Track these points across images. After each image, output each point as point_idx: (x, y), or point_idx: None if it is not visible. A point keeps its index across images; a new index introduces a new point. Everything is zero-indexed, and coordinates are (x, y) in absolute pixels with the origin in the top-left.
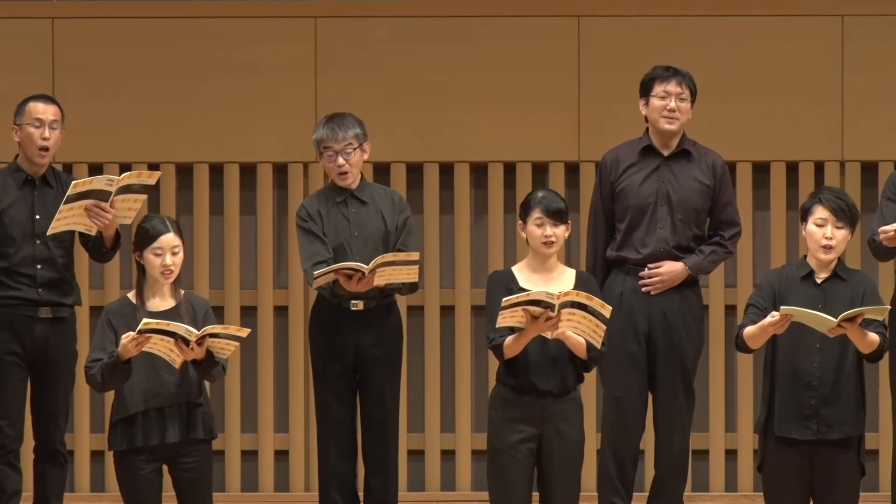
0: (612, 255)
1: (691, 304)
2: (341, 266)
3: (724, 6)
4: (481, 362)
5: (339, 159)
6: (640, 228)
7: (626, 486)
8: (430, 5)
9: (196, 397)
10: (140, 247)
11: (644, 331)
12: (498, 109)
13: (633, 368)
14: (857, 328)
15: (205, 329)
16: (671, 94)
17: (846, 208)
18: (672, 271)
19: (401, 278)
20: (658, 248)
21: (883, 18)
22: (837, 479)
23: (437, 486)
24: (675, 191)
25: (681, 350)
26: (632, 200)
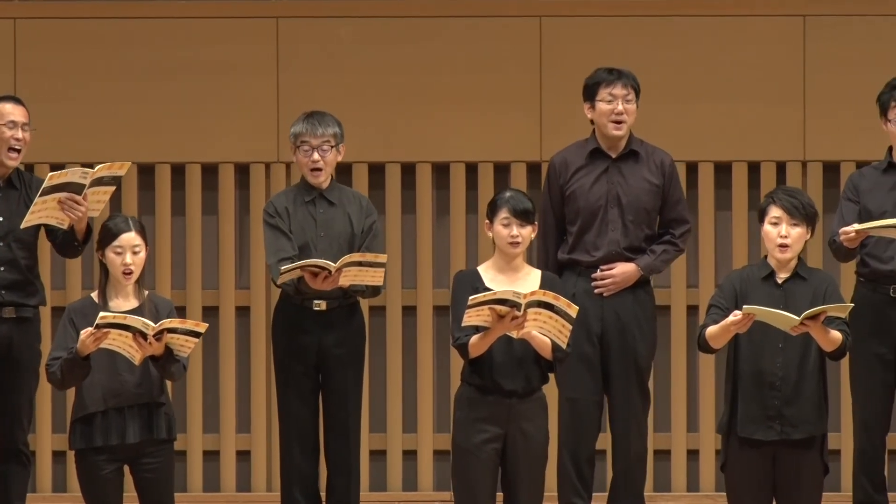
0: (563, 257)
1: (644, 304)
2: (309, 262)
3: (685, 6)
4: (443, 362)
5: (315, 155)
6: (591, 231)
7: (586, 487)
8: (392, 6)
9: (157, 397)
10: (102, 245)
11: (597, 332)
12: (460, 109)
13: (586, 370)
14: (820, 326)
15: (162, 323)
16: (617, 97)
17: (800, 206)
18: (625, 272)
19: (366, 280)
20: (610, 251)
21: (844, 18)
22: (801, 479)
23: (398, 487)
24: (624, 192)
25: (634, 350)
26: (582, 203)
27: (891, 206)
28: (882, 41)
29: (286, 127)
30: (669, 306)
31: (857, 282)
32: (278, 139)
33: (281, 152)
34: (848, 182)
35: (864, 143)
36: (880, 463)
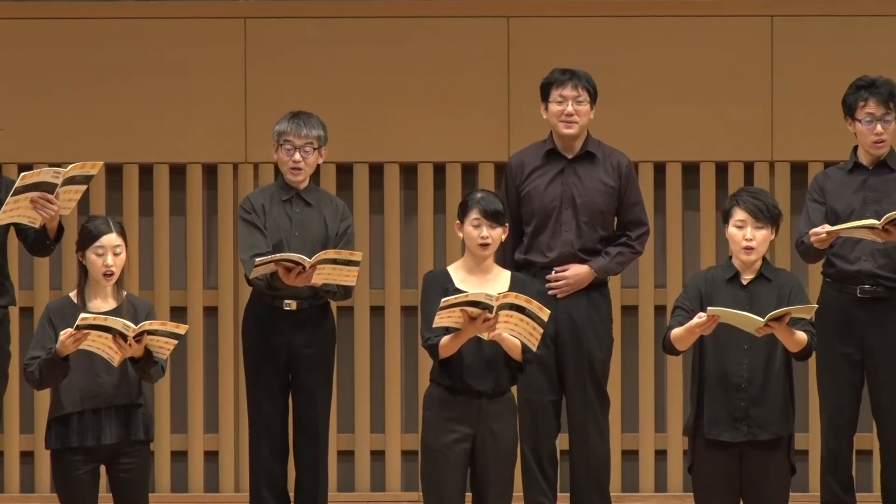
0: (519, 258)
1: (599, 306)
2: (283, 256)
3: (653, 7)
4: (411, 363)
5: (297, 155)
6: (545, 232)
7: (550, 485)
8: (360, 6)
9: (135, 398)
10: (82, 246)
11: (551, 334)
12: (428, 110)
13: (541, 371)
14: (785, 327)
15: (142, 325)
16: (567, 98)
17: (764, 208)
18: (578, 274)
19: (339, 279)
20: (564, 252)
21: (812, 19)
22: (768, 480)
23: (366, 487)
24: (579, 193)
25: (589, 352)
26: (537, 204)
27: (858, 205)
28: (849, 42)
29: (254, 127)
30: (637, 306)
31: (824, 282)
32: (246, 140)
33: (249, 153)
34: (813, 183)
35: (832, 143)
36: (848, 463)
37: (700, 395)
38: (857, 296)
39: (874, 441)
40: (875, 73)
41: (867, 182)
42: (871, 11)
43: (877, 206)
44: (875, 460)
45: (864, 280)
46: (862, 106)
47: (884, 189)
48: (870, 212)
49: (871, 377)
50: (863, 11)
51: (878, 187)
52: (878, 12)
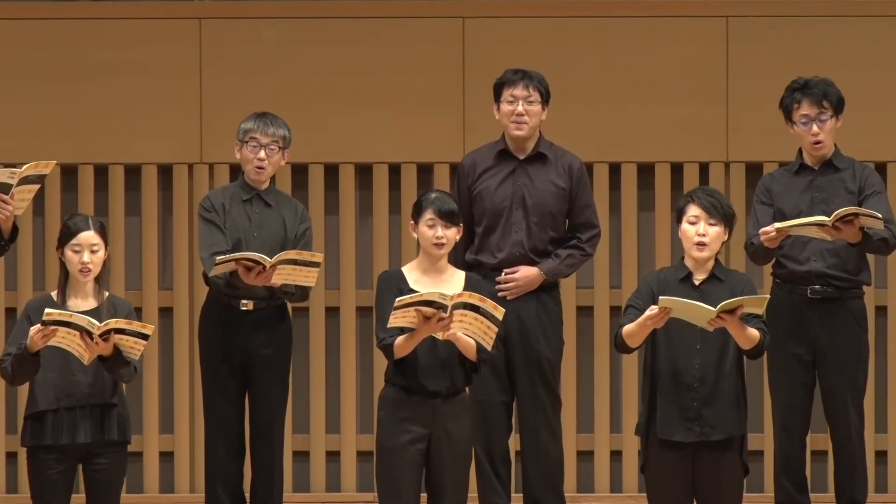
0: (469, 258)
1: (548, 308)
2: (244, 255)
3: (608, 7)
4: (366, 363)
5: (262, 153)
6: (495, 232)
7: (504, 486)
8: (315, 7)
9: (110, 398)
10: (61, 244)
11: (501, 335)
12: (383, 111)
13: (491, 372)
14: (737, 321)
15: (106, 323)
16: (518, 98)
17: (718, 206)
18: (527, 276)
19: (299, 280)
20: (513, 252)
21: (767, 19)
22: (720, 480)
23: (322, 487)
24: (529, 194)
25: (538, 354)
26: (488, 204)
27: (806, 206)
28: (804, 42)
29: (209, 128)
30: (592, 307)
31: (774, 283)
32: (201, 140)
33: (204, 153)
34: (760, 185)
35: (787, 143)
36: (801, 464)
37: (652, 395)
38: (807, 296)
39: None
40: (830, 73)
41: (814, 183)
42: (825, 12)
43: (824, 206)
44: (829, 460)
45: (815, 280)
46: (797, 108)
47: (830, 189)
48: (818, 212)
49: (822, 378)
50: (817, 12)
51: (825, 187)
52: (832, 13)
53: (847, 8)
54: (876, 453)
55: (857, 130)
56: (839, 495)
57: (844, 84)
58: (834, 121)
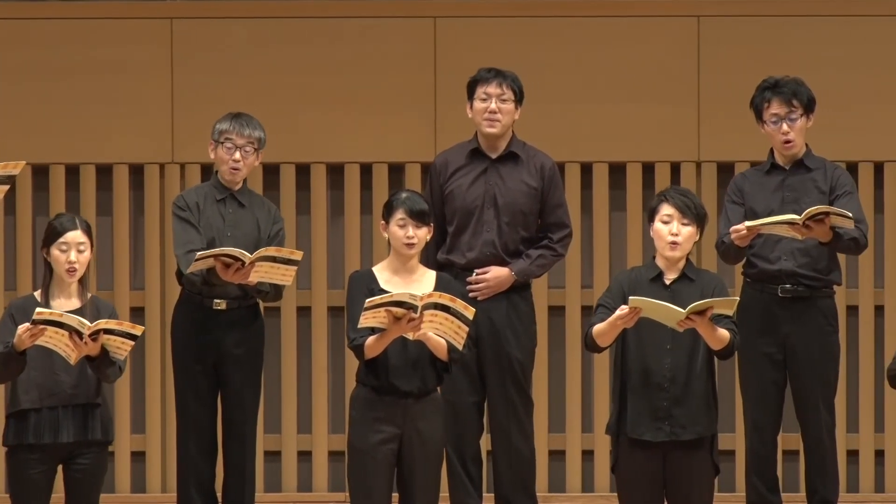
0: (441, 258)
1: (519, 308)
2: (224, 251)
3: (580, 7)
4: (338, 363)
5: (237, 154)
6: (466, 232)
7: (476, 486)
8: (286, 7)
9: (94, 398)
10: (47, 243)
11: (472, 335)
12: (354, 110)
13: (462, 372)
14: (707, 322)
15: (97, 323)
16: (491, 96)
17: (692, 206)
18: (498, 277)
19: (276, 278)
20: (484, 252)
21: (738, 19)
22: (691, 480)
23: (293, 487)
24: (501, 194)
25: (509, 354)
26: (459, 203)
27: (777, 205)
28: (775, 42)
29: (180, 128)
30: (564, 307)
31: (745, 282)
32: (172, 140)
33: (175, 153)
34: (731, 185)
35: (759, 143)
36: (772, 463)
37: (622, 394)
38: (778, 295)
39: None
40: (801, 73)
41: (785, 182)
42: (796, 12)
43: (795, 206)
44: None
45: (786, 280)
46: (767, 107)
47: (801, 188)
48: (789, 211)
49: (793, 377)
50: (789, 12)
51: (796, 187)
52: (803, 12)
53: (818, 7)
54: (847, 453)
55: (828, 130)
56: (810, 495)
57: (815, 84)
58: (804, 120)
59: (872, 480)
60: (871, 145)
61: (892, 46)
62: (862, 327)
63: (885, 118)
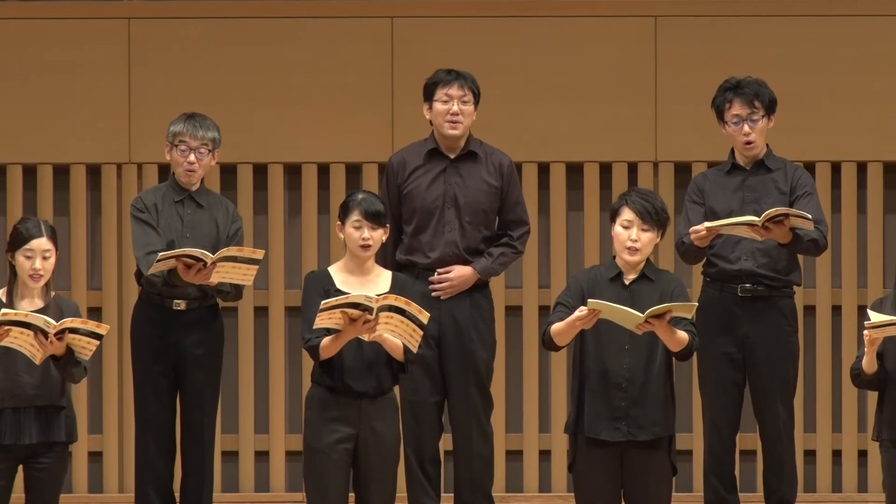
0: (401, 258)
1: (481, 307)
2: (186, 252)
3: (536, 7)
4: (295, 363)
5: (192, 156)
6: (427, 232)
7: (433, 486)
8: (244, 7)
9: (58, 400)
10: (12, 248)
11: (434, 335)
12: (312, 110)
13: (424, 372)
14: (666, 325)
15: (62, 322)
16: (453, 97)
17: (653, 211)
18: (461, 276)
19: (237, 278)
20: (447, 252)
21: (695, 19)
22: (648, 480)
23: (251, 487)
24: (462, 193)
25: (473, 353)
26: (419, 204)
27: (737, 206)
28: (732, 42)
29: (138, 128)
30: (521, 307)
31: (705, 282)
32: (130, 140)
33: (133, 153)
34: (692, 184)
35: (716, 143)
36: (731, 463)
37: (581, 394)
38: (737, 295)
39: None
40: (759, 73)
41: (745, 182)
42: (753, 12)
43: (755, 206)
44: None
45: (745, 279)
46: (728, 108)
47: (762, 189)
48: (749, 212)
49: (752, 376)
50: (745, 12)
51: (757, 187)
52: (760, 13)
53: (775, 8)
54: (805, 453)
55: (785, 130)
56: (768, 495)
57: (771, 84)
58: (766, 121)
59: (830, 480)
60: (828, 145)
61: (847, 46)
62: (819, 327)
63: (842, 118)
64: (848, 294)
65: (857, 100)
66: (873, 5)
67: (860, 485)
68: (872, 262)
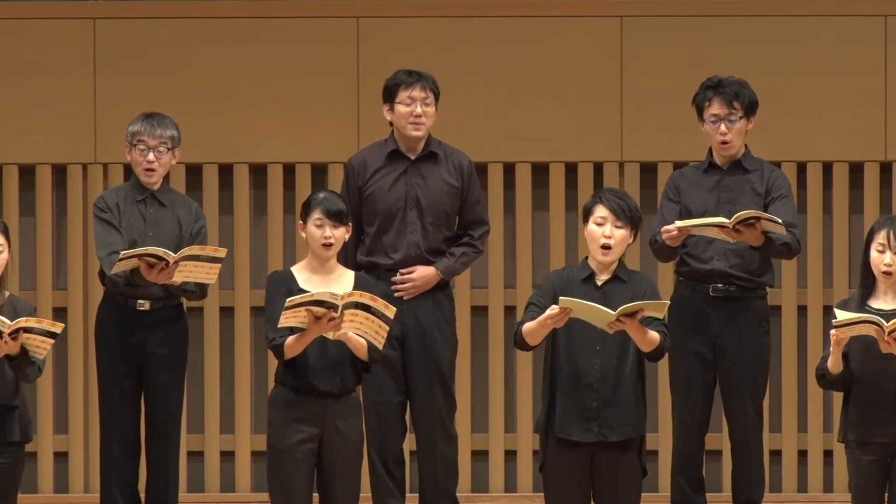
0: (362, 260)
1: (443, 307)
2: (148, 251)
3: (502, 7)
4: (261, 363)
5: (151, 155)
6: (389, 233)
7: (398, 486)
8: (209, 7)
9: (11, 399)
10: None
11: (398, 335)
12: (277, 110)
13: (387, 372)
14: (637, 324)
15: (17, 321)
16: (416, 99)
17: (626, 209)
18: (424, 276)
19: (200, 277)
20: (409, 253)
21: (661, 19)
22: (618, 481)
23: (216, 488)
24: (424, 194)
25: (436, 353)
26: (381, 205)
27: (712, 205)
28: (698, 43)
29: (103, 128)
30: (487, 307)
31: (677, 281)
32: (95, 140)
33: (98, 153)
34: (669, 182)
35: (681, 143)
36: (699, 463)
37: (552, 394)
38: (709, 294)
39: (722, 441)
40: (724, 73)
41: (721, 182)
42: (719, 12)
43: (730, 206)
44: (724, 460)
45: (717, 279)
46: (708, 106)
47: (738, 189)
48: (723, 212)
49: (722, 377)
50: (711, 12)
51: (732, 187)
52: (726, 13)
53: (741, 8)
54: (771, 453)
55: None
56: (736, 495)
57: None
58: (744, 122)
59: (795, 480)
60: (794, 145)
61: (812, 47)
62: (785, 328)
63: (807, 119)
64: (813, 294)
65: (823, 100)
66: (838, 6)
67: (826, 485)
68: (838, 262)
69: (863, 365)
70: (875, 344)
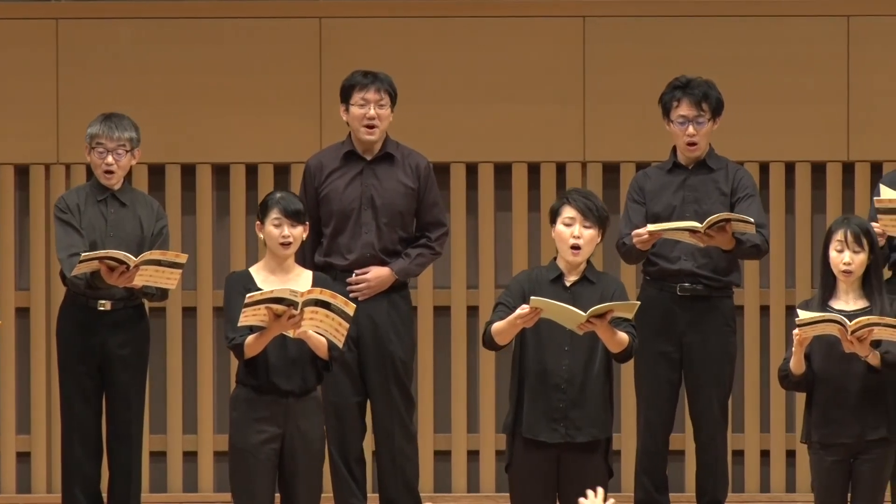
0: (319, 260)
1: (399, 308)
2: (108, 254)
3: (465, 8)
4: (223, 363)
5: (109, 157)
6: (345, 233)
7: (360, 486)
8: (172, 7)
9: None
10: None
11: (353, 336)
12: (240, 111)
13: (344, 373)
14: (607, 325)
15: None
16: (370, 101)
17: (594, 208)
18: (379, 277)
19: (160, 282)
20: (364, 254)
21: (624, 19)
22: (584, 482)
23: (179, 488)
24: (378, 195)
25: (392, 354)
26: (336, 206)
27: (678, 204)
28: (661, 43)
29: (66, 128)
30: (449, 307)
31: (644, 280)
32: (58, 140)
33: (61, 154)
34: (633, 183)
35: (644, 144)
36: (663, 463)
37: (520, 394)
38: (677, 294)
39: (685, 441)
40: (687, 74)
41: (686, 182)
42: (681, 13)
43: (696, 206)
44: (687, 460)
45: (685, 279)
46: (675, 107)
47: (703, 189)
48: (689, 212)
49: (688, 376)
50: (674, 13)
51: (698, 187)
52: (688, 13)
53: (703, 9)
54: (733, 453)
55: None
56: (700, 495)
57: None
58: (711, 124)
59: (758, 480)
60: (756, 145)
61: (774, 47)
62: (747, 327)
63: (770, 119)
64: (776, 294)
65: (785, 100)
66: (800, 6)
67: (788, 485)
68: (801, 262)
69: (825, 365)
70: (838, 344)
